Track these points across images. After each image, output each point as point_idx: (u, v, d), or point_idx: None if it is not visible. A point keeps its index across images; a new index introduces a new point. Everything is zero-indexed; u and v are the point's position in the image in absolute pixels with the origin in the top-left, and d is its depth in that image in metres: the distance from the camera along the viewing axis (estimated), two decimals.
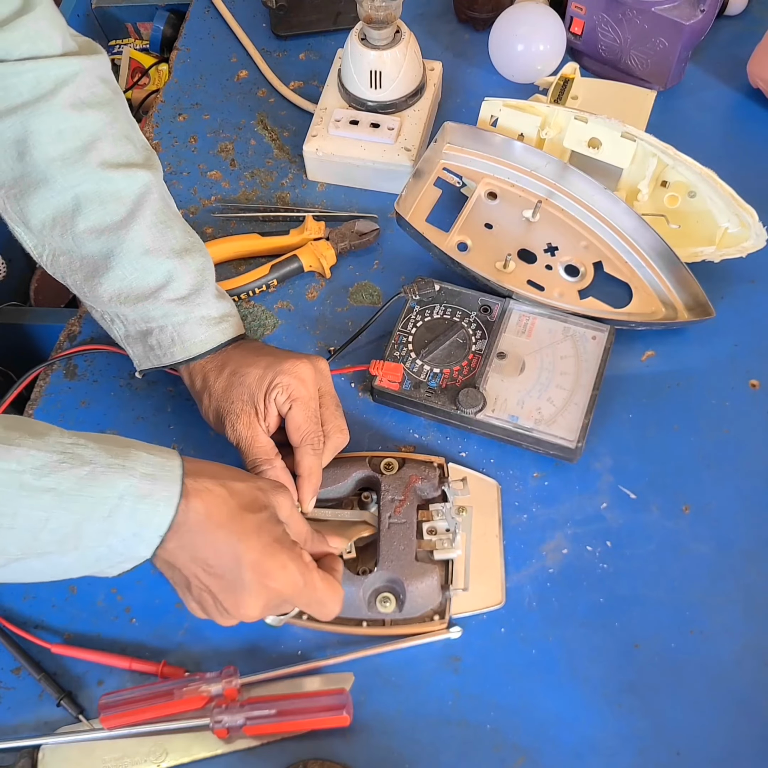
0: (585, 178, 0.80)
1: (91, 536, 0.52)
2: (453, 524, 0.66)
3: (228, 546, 0.56)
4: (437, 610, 0.65)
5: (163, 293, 0.68)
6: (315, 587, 0.59)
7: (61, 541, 0.52)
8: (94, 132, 0.67)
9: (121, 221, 0.67)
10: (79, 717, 0.64)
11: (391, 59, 0.86)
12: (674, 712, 0.62)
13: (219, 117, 0.96)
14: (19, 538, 0.51)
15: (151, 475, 0.54)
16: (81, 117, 0.67)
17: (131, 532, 0.53)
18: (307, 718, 0.61)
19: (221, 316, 0.70)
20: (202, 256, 0.71)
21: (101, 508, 0.52)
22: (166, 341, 0.68)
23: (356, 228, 0.85)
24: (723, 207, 0.78)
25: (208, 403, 0.69)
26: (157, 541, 0.54)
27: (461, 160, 0.85)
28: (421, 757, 0.61)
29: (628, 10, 0.89)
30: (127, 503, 0.52)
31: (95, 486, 0.52)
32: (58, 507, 0.51)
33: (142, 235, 0.67)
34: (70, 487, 0.51)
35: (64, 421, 0.77)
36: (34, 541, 0.51)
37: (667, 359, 0.78)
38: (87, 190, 0.67)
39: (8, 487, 0.50)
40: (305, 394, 0.67)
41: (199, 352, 0.69)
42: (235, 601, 0.58)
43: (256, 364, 0.67)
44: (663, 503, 0.71)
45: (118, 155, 0.68)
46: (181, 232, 0.70)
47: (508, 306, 0.77)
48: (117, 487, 0.52)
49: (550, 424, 0.71)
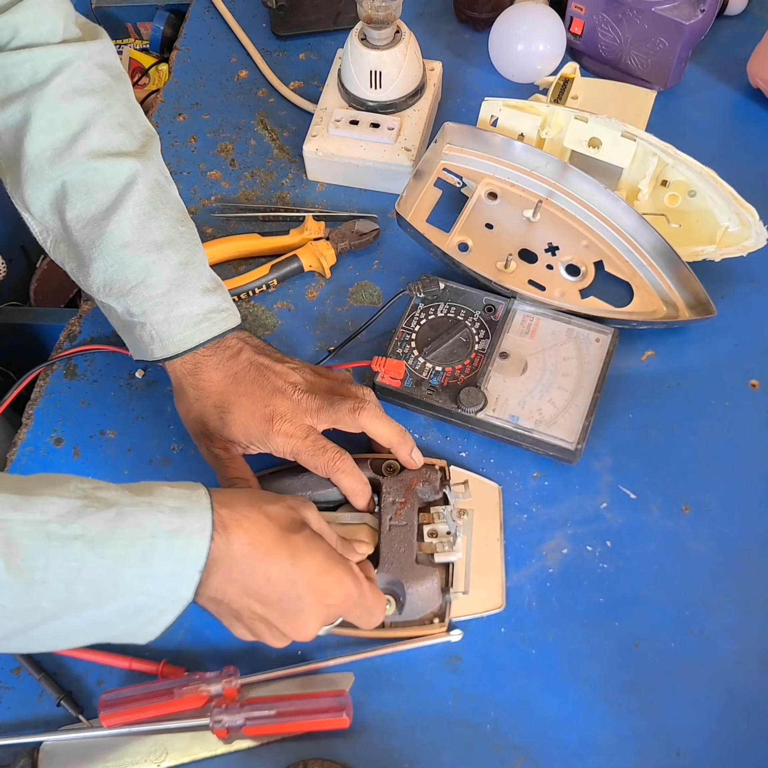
0: (585, 177, 0.80)
1: (127, 583, 0.50)
2: (454, 527, 0.66)
3: (281, 572, 0.55)
4: (437, 613, 0.65)
5: (142, 290, 0.65)
6: (366, 598, 0.59)
7: (97, 591, 0.50)
8: (84, 120, 0.66)
9: (104, 211, 0.66)
10: (79, 717, 0.63)
11: (391, 59, 0.86)
12: (674, 712, 0.62)
13: (219, 117, 0.96)
14: (53, 592, 0.48)
15: (179, 509, 0.52)
16: (72, 106, 0.66)
17: (168, 572, 0.51)
18: (306, 720, 0.61)
19: (204, 314, 0.67)
20: (189, 249, 0.68)
21: (134, 550, 0.50)
22: (146, 338, 0.67)
23: (356, 228, 0.85)
24: (723, 206, 0.78)
25: (185, 413, 0.69)
26: (197, 577, 0.52)
27: (461, 160, 0.85)
28: (421, 757, 0.61)
29: (628, 10, 0.89)
30: (161, 541, 0.50)
31: (125, 527, 0.50)
32: (90, 553, 0.49)
33: (122, 227, 0.65)
34: (99, 531, 0.49)
35: (64, 421, 0.77)
36: (69, 594, 0.49)
37: (668, 359, 0.78)
38: (74, 179, 0.65)
39: (36, 540, 0.47)
40: (301, 444, 0.66)
41: (177, 351, 0.66)
42: (294, 625, 0.57)
43: (240, 413, 0.66)
44: (663, 503, 0.71)
45: (108, 143, 0.67)
46: (168, 221, 0.67)
47: (511, 306, 0.77)
48: (147, 525, 0.50)
49: (550, 425, 0.71)
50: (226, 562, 0.53)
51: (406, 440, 0.68)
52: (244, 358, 0.68)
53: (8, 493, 0.48)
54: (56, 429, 0.77)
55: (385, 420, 0.68)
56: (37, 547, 0.47)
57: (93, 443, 0.76)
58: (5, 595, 0.47)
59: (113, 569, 0.49)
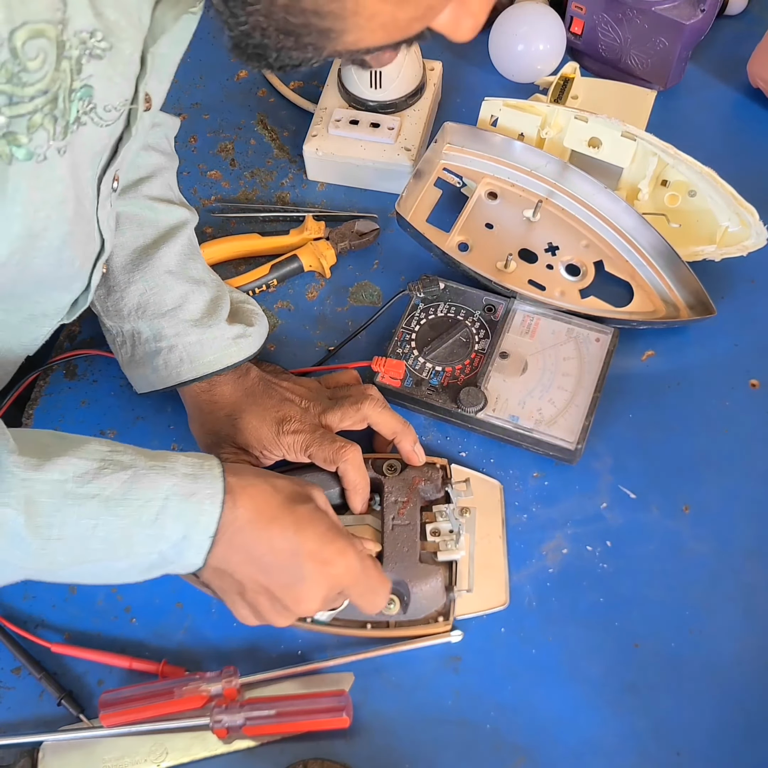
0: (585, 177, 0.80)
1: (141, 542, 0.53)
2: (456, 525, 0.66)
3: (284, 539, 0.56)
4: (441, 611, 0.65)
5: (178, 312, 0.69)
6: (370, 574, 0.60)
7: (111, 549, 0.52)
8: (152, 171, 0.72)
9: (153, 242, 0.70)
10: (79, 716, 0.63)
11: None
12: (674, 712, 0.62)
13: (219, 117, 0.96)
14: (69, 548, 0.51)
15: (192, 475, 0.54)
16: (147, 155, 0.72)
17: (180, 535, 0.53)
18: (306, 720, 0.61)
19: (233, 338, 0.70)
20: (218, 290, 0.72)
21: (148, 511, 0.52)
22: (174, 360, 0.69)
23: (356, 228, 0.85)
24: (723, 206, 0.78)
25: (199, 427, 0.71)
26: (207, 543, 0.54)
27: (461, 160, 0.85)
28: (421, 757, 0.61)
29: (628, 9, 0.89)
30: (173, 503, 0.53)
31: (139, 488, 0.52)
32: (105, 513, 0.51)
33: (170, 257, 0.70)
34: (114, 491, 0.52)
35: (64, 421, 0.77)
36: (84, 550, 0.52)
37: (668, 359, 0.78)
38: (129, 211, 0.70)
39: (53, 498, 0.50)
40: (310, 437, 0.67)
41: (206, 372, 0.69)
42: (295, 596, 0.58)
43: (253, 419, 0.68)
44: (663, 503, 0.71)
45: (165, 194, 0.73)
46: (203, 267, 0.73)
47: (512, 306, 0.77)
48: (161, 487, 0.53)
49: (550, 425, 0.71)
50: (231, 529, 0.55)
51: (410, 431, 0.69)
52: (254, 375, 0.72)
53: (31, 456, 0.50)
54: (56, 429, 0.76)
55: (389, 411, 0.69)
56: (55, 505, 0.50)
57: None
58: (21, 548, 0.50)
59: (127, 528, 0.52)
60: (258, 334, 0.72)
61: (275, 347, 0.80)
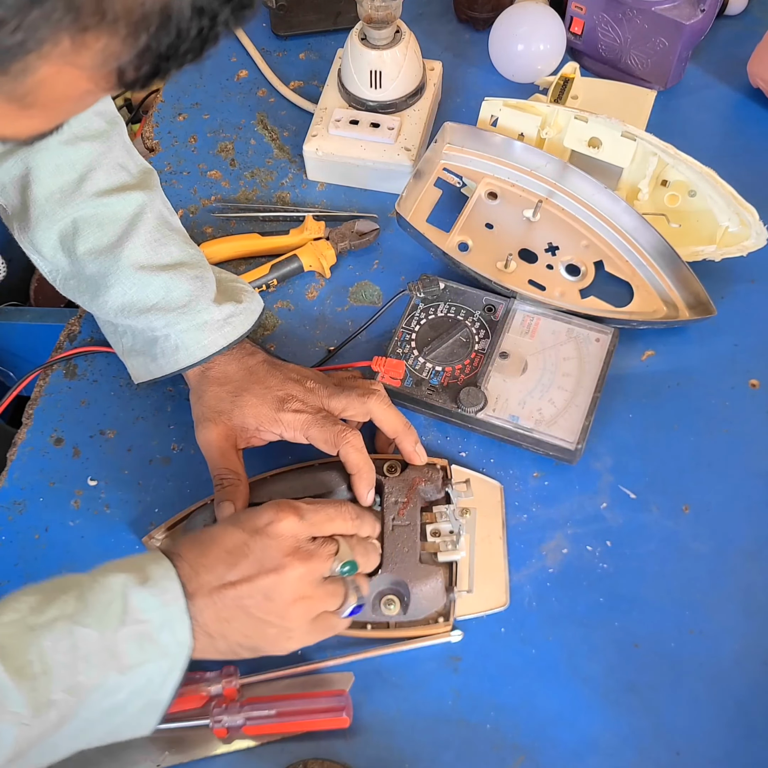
0: (585, 177, 0.80)
1: (125, 649, 0.52)
2: (457, 526, 0.66)
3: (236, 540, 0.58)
4: (442, 612, 0.65)
5: (163, 304, 0.69)
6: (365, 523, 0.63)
7: (100, 664, 0.51)
8: (88, 163, 0.70)
9: (117, 241, 0.69)
10: None
11: (391, 59, 0.86)
12: (674, 712, 0.62)
13: (219, 117, 0.96)
14: (58, 679, 0.50)
15: (137, 565, 0.54)
16: (75, 150, 0.69)
17: (158, 623, 0.53)
18: (306, 719, 0.61)
19: (225, 319, 0.70)
20: (200, 265, 0.71)
21: (113, 610, 0.52)
22: (170, 348, 0.69)
23: (356, 228, 0.85)
24: (723, 206, 0.78)
25: (197, 399, 0.71)
26: (186, 618, 0.54)
27: (461, 160, 0.85)
28: (421, 757, 0.61)
29: (628, 9, 0.89)
30: (133, 592, 0.53)
31: (95, 594, 0.52)
32: (75, 627, 0.51)
33: (137, 252, 0.69)
34: (74, 607, 0.51)
35: (64, 421, 0.77)
36: (74, 675, 0.50)
37: (667, 359, 0.78)
38: (85, 215, 0.69)
39: (21, 635, 0.49)
40: (312, 418, 0.67)
41: (203, 356, 0.69)
42: (275, 581, 0.57)
43: (251, 395, 0.69)
44: (663, 503, 0.71)
45: (113, 182, 0.70)
46: (177, 247, 0.71)
47: (512, 306, 0.77)
48: (114, 586, 0.53)
49: (550, 425, 0.71)
50: (199, 595, 0.55)
51: (411, 431, 0.69)
52: (260, 357, 0.72)
53: None
54: (56, 429, 0.77)
55: (393, 409, 0.69)
56: (25, 640, 0.49)
57: (93, 443, 0.76)
58: (15, 699, 0.48)
59: (104, 636, 0.51)
60: (249, 310, 0.72)
61: (275, 347, 0.80)
